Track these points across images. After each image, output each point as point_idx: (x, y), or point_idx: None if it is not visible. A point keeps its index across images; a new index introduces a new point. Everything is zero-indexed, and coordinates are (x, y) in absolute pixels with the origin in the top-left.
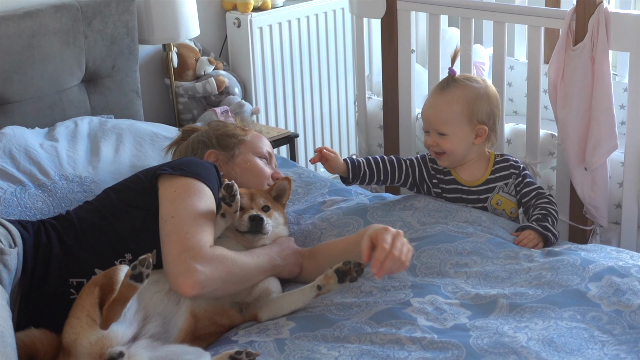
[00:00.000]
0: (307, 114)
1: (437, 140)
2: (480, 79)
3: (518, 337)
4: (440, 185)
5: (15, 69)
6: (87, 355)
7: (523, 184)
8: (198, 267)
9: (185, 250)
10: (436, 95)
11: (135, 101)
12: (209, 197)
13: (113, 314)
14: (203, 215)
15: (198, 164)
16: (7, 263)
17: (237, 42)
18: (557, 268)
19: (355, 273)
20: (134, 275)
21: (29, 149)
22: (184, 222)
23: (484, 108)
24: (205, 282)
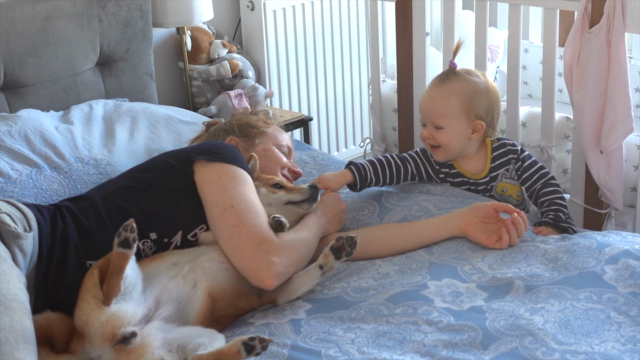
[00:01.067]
0: (321, 97)
1: (433, 133)
2: (481, 74)
3: (534, 319)
4: (447, 179)
5: (30, 53)
6: (100, 336)
7: (523, 168)
8: (275, 259)
9: (259, 244)
10: (435, 87)
11: (149, 84)
12: (252, 185)
13: (112, 288)
14: (259, 205)
15: (230, 149)
16: (22, 247)
17: (251, 25)
18: (574, 251)
19: (349, 247)
20: (121, 242)
21: (44, 132)
22: (247, 212)
23: (483, 103)
24: (284, 271)
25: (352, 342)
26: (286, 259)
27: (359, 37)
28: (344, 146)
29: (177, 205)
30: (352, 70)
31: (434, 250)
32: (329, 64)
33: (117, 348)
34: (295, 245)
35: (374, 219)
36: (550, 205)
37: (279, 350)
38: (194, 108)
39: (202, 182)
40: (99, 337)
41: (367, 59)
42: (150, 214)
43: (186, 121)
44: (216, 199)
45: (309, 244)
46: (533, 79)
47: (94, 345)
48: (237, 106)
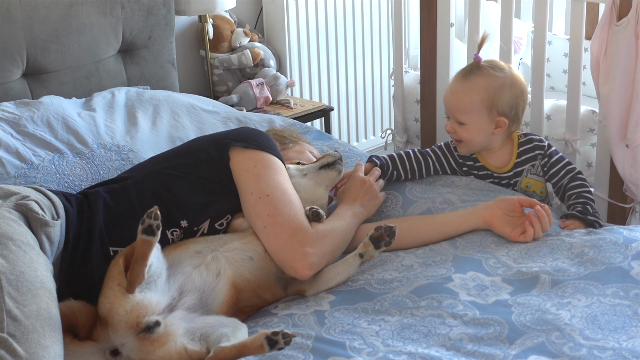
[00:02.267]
0: (342, 87)
1: (456, 128)
2: (507, 67)
3: (561, 314)
4: (471, 172)
5: (53, 39)
6: (124, 324)
7: (550, 164)
8: (309, 250)
9: (293, 234)
10: (458, 83)
11: (171, 72)
12: (287, 174)
13: (136, 275)
14: (294, 194)
15: (265, 137)
16: (50, 235)
17: (273, 14)
18: (600, 246)
19: (388, 237)
20: (145, 229)
21: (67, 118)
22: (283, 202)
23: (506, 99)
24: (319, 262)
25: (377, 335)
26: (320, 250)
27: (381, 27)
28: (364, 137)
29: (210, 193)
30: (374, 60)
31: (458, 244)
32: (350, 54)
33: (141, 337)
34: (330, 235)
35: (397, 211)
36: (578, 198)
37: (303, 341)
38: (215, 96)
39: (238, 169)
40: (122, 325)
41: (389, 49)
42: (184, 201)
43: (208, 110)
44: (252, 187)
45: (343, 233)
46: (556, 72)
47: (117, 333)
48: (259, 95)
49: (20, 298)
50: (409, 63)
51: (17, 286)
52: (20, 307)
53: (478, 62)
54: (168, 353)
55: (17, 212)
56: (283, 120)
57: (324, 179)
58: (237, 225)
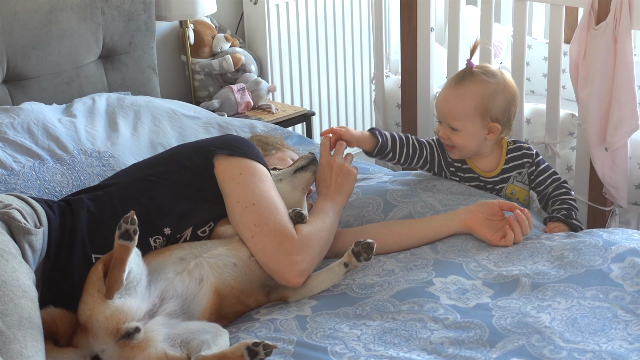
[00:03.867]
0: (324, 92)
1: (449, 134)
2: (499, 72)
3: (541, 317)
4: (457, 173)
5: (33, 45)
6: (104, 330)
7: (537, 172)
8: (297, 258)
9: (280, 243)
10: (451, 89)
11: (152, 78)
12: (272, 181)
13: (114, 281)
14: (278, 199)
15: (249, 144)
16: (32, 243)
17: (254, 19)
18: (579, 249)
19: (366, 253)
20: (122, 234)
21: (47, 124)
22: (268, 210)
23: (499, 105)
24: (309, 267)
25: (358, 339)
26: (308, 255)
27: (362, 32)
28: None
29: (193, 200)
30: (355, 65)
31: (439, 248)
32: (331, 59)
33: (121, 343)
34: (315, 236)
35: (379, 215)
36: (562, 204)
37: (285, 346)
38: (196, 102)
39: (224, 177)
40: (102, 332)
41: (370, 53)
42: (166, 208)
43: (189, 115)
44: (238, 195)
45: (328, 230)
46: (536, 76)
47: (97, 340)
48: (240, 100)
49: (1, 308)
50: (389, 67)
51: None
52: (1, 317)
53: (471, 68)
54: (148, 359)
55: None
56: (264, 125)
57: (300, 182)
58: (222, 232)
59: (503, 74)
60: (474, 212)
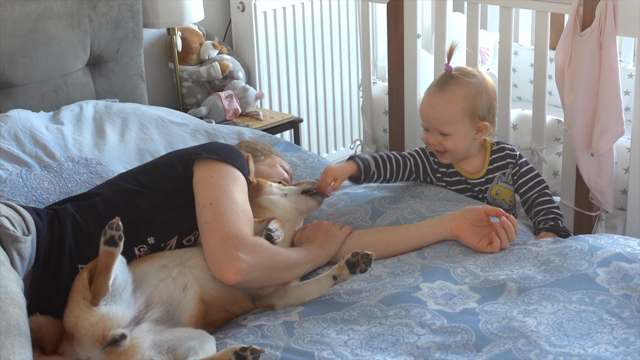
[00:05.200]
0: (311, 99)
1: (440, 139)
2: (477, 72)
3: (527, 321)
4: (444, 178)
5: (20, 52)
6: (90, 337)
7: (519, 174)
8: (241, 255)
9: (227, 238)
10: (435, 95)
11: (140, 85)
12: (244, 186)
13: (99, 287)
14: (242, 204)
15: (232, 151)
16: (21, 251)
17: (241, 27)
18: (565, 254)
19: (364, 264)
20: (107, 241)
21: (35, 132)
22: (223, 209)
23: (484, 103)
24: (249, 269)
25: (345, 344)
26: (254, 259)
27: (349, 39)
28: (334, 148)
29: (176, 208)
30: (343, 71)
31: (426, 254)
32: (319, 66)
33: (107, 350)
34: (269, 250)
35: (367, 222)
36: (548, 214)
37: (272, 352)
38: (184, 109)
39: (196, 181)
40: (88, 339)
41: (357, 60)
42: (150, 217)
43: (177, 122)
44: (200, 196)
45: (289, 260)
46: (523, 82)
47: (83, 347)
48: (228, 107)
49: None
50: (377, 74)
51: None
52: None
53: (450, 72)
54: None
55: None
56: (252, 132)
57: (303, 204)
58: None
59: (481, 72)
60: (460, 218)
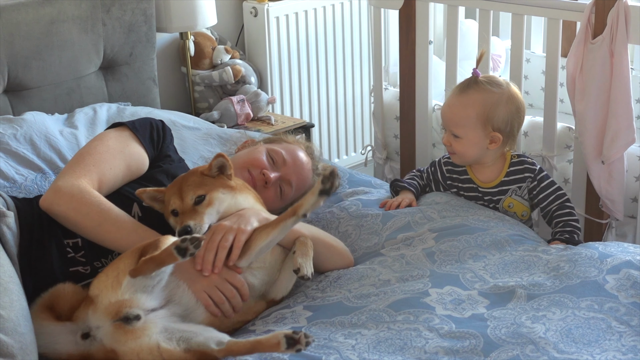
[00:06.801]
0: (323, 104)
1: (451, 140)
2: (504, 83)
3: (536, 327)
4: (456, 184)
5: (34, 55)
6: (104, 310)
7: (540, 189)
8: (60, 184)
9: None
10: (455, 96)
11: (152, 89)
12: (116, 141)
13: (145, 269)
14: (103, 153)
15: (141, 121)
16: (10, 225)
17: (254, 32)
18: (575, 260)
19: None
20: (180, 248)
21: (50, 136)
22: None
23: (501, 115)
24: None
25: (353, 348)
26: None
27: (361, 45)
28: (345, 153)
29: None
30: (354, 77)
31: (435, 257)
32: (331, 71)
33: (117, 324)
34: (99, 208)
35: (377, 225)
36: (565, 227)
37: (280, 356)
38: (196, 113)
39: None
40: (103, 310)
41: (369, 66)
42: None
43: (189, 126)
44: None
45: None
46: (534, 89)
47: (96, 314)
48: (239, 112)
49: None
50: (388, 80)
51: None
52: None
53: (476, 77)
54: (139, 347)
55: None
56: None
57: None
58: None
59: (509, 85)
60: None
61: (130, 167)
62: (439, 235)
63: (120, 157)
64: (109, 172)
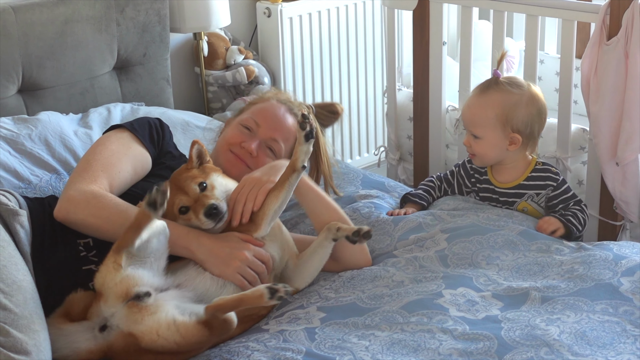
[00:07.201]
0: None
1: (471, 141)
2: (526, 84)
3: (550, 330)
4: (476, 184)
5: (48, 55)
6: (114, 294)
7: (560, 200)
8: (72, 193)
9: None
10: (475, 97)
11: (166, 89)
12: (120, 139)
13: (125, 240)
14: (110, 157)
15: (140, 120)
16: (23, 224)
17: (267, 32)
18: (589, 262)
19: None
20: (149, 202)
21: (64, 136)
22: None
23: (521, 116)
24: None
25: (367, 350)
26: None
27: (375, 45)
28: (358, 154)
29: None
30: (367, 78)
31: (448, 261)
32: (344, 72)
33: (130, 304)
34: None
35: (389, 225)
36: (568, 211)
37: (294, 356)
38: (209, 113)
39: None
40: (112, 295)
41: (382, 67)
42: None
43: (202, 126)
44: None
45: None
46: (548, 90)
47: (108, 303)
48: None
49: (7, 289)
50: (402, 81)
51: (2, 278)
52: (8, 297)
53: (497, 78)
54: (157, 322)
55: None
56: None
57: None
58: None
59: (530, 87)
60: None
61: (136, 168)
62: (450, 237)
63: (126, 159)
64: (117, 175)
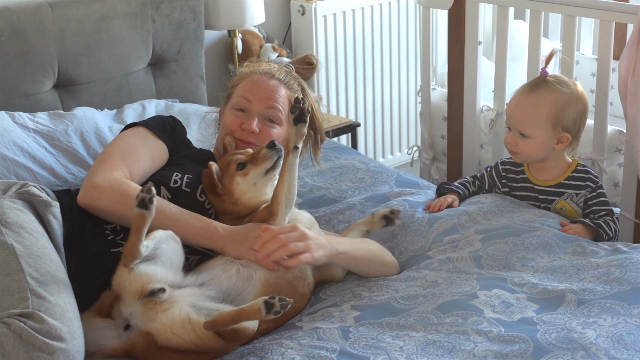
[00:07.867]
0: (369, 104)
1: (517, 140)
2: (572, 83)
3: (587, 333)
4: (511, 184)
5: (84, 51)
6: (129, 292)
7: (596, 202)
8: (96, 181)
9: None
10: (524, 95)
11: (200, 86)
12: (138, 133)
13: (130, 248)
14: (125, 149)
15: (156, 118)
16: (56, 215)
17: (301, 30)
18: (626, 265)
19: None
20: (139, 203)
21: (99, 132)
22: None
23: (571, 115)
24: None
25: (401, 350)
26: (108, 196)
27: (409, 44)
28: (390, 153)
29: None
30: (401, 76)
31: (483, 262)
32: (377, 70)
33: (145, 301)
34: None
35: (424, 226)
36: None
37: (328, 355)
38: None
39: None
40: (128, 294)
41: (416, 65)
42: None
43: None
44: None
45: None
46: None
47: (125, 303)
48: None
49: (41, 278)
50: (436, 80)
51: (37, 268)
52: (42, 286)
53: (545, 77)
54: (171, 319)
55: (20, 200)
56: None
57: (269, 179)
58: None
59: (576, 85)
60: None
61: (154, 158)
62: (485, 237)
63: (143, 150)
64: (137, 164)
